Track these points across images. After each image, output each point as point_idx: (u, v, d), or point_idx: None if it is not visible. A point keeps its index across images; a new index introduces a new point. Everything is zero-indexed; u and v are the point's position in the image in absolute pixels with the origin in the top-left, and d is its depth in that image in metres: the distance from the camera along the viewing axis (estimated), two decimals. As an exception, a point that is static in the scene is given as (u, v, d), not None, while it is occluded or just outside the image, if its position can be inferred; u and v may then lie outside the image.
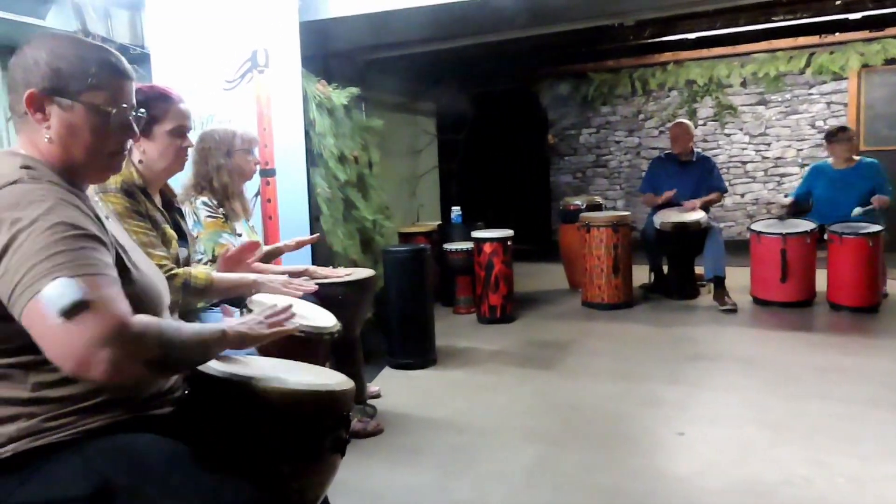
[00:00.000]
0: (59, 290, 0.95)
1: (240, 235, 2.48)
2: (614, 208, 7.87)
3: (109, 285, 1.01)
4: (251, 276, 2.08)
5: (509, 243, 4.69)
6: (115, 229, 1.25)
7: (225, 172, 2.45)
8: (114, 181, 1.78)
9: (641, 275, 5.35)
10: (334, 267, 2.95)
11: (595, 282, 4.97)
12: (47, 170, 1.11)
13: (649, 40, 6.41)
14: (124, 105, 1.18)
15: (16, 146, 1.16)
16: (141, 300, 1.16)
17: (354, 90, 4.14)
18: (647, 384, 3.33)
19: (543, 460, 2.56)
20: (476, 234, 4.76)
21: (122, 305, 1.00)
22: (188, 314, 2.09)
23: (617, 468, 2.46)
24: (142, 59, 4.12)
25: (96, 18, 4.06)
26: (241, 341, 1.22)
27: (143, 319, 1.02)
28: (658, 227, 4.87)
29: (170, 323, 1.11)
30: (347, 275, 2.73)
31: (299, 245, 2.66)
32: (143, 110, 1.25)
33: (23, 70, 1.13)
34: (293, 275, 2.39)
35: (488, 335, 4.43)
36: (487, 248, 4.65)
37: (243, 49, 3.46)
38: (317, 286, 2.23)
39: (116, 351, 0.95)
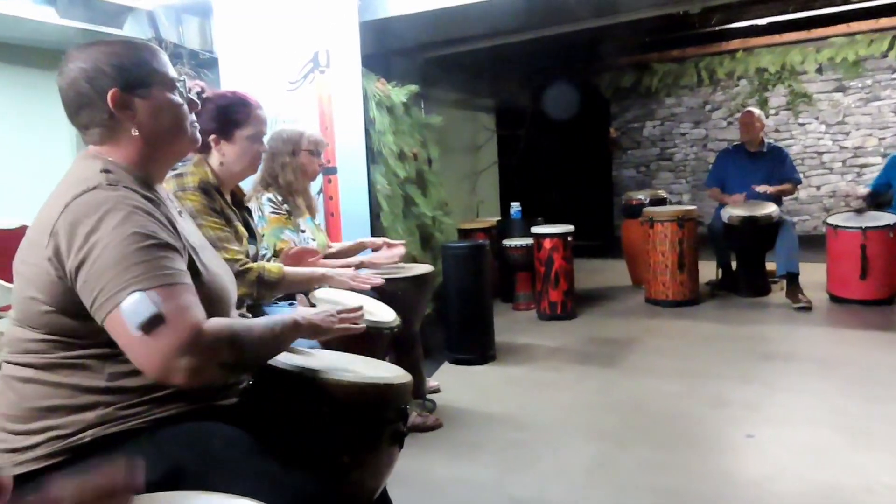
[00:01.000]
0: (136, 305, 1.01)
1: (303, 231, 2.53)
2: (679, 202, 7.64)
3: (183, 293, 1.06)
4: (320, 270, 2.14)
5: (570, 239, 4.63)
6: (188, 227, 1.30)
7: (290, 170, 2.52)
8: (191, 181, 1.86)
9: (708, 271, 5.18)
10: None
11: (659, 278, 4.84)
12: (125, 173, 1.16)
13: (716, 28, 6.19)
14: (178, 77, 1.25)
15: (97, 149, 1.20)
16: (211, 299, 1.21)
17: (413, 88, 4.18)
18: (714, 384, 3.22)
19: (605, 459, 2.51)
20: (536, 229, 4.71)
21: (196, 312, 1.06)
22: (256, 308, 2.16)
23: (682, 469, 2.39)
24: (211, 64, 4.28)
25: (168, 26, 4.26)
26: (313, 331, 1.29)
27: (215, 324, 1.08)
28: (726, 222, 4.69)
29: (242, 323, 1.15)
30: (398, 263, 2.74)
31: (387, 246, 2.72)
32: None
33: (87, 83, 1.14)
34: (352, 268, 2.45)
35: (548, 331, 4.38)
36: (547, 243, 4.60)
37: (305, 50, 3.54)
38: (383, 280, 2.29)
39: (193, 358, 1.02)
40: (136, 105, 1.17)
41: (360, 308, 1.40)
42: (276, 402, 1.30)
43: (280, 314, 1.27)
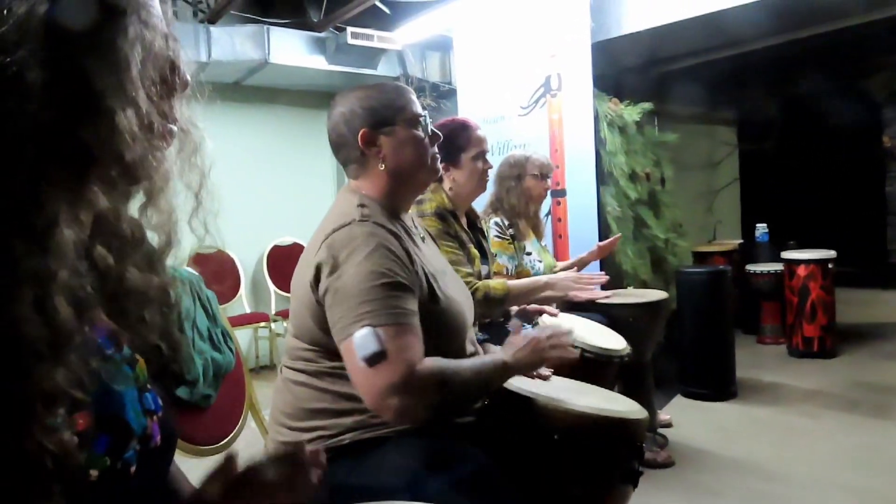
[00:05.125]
0: (365, 339, 1.11)
1: (529, 254, 2.57)
2: (982, 223, 6.26)
3: (406, 334, 1.14)
4: (543, 278, 2.16)
5: (830, 266, 4.06)
6: (429, 253, 1.40)
7: (514, 194, 2.59)
8: (429, 206, 2.01)
9: None
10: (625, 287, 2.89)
11: (953, 315, 4.00)
12: (377, 206, 1.29)
13: None
14: (422, 112, 1.35)
15: (355, 183, 1.36)
16: (448, 323, 1.29)
17: (647, 105, 4.02)
18: None
19: (878, 529, 2.13)
20: (787, 254, 4.22)
21: (414, 354, 1.13)
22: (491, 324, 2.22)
23: None
24: (449, 94, 4.60)
25: (414, 62, 4.67)
26: (524, 367, 1.27)
27: (427, 367, 1.14)
28: None
29: (451, 366, 1.19)
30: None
31: (601, 252, 2.72)
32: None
33: (345, 124, 1.32)
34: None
35: (801, 371, 3.87)
36: (801, 270, 4.08)
37: (537, 76, 3.61)
38: (607, 277, 2.23)
39: (403, 400, 1.10)
40: (381, 141, 1.31)
41: (570, 330, 1.34)
42: (509, 425, 1.32)
43: (490, 355, 1.28)
